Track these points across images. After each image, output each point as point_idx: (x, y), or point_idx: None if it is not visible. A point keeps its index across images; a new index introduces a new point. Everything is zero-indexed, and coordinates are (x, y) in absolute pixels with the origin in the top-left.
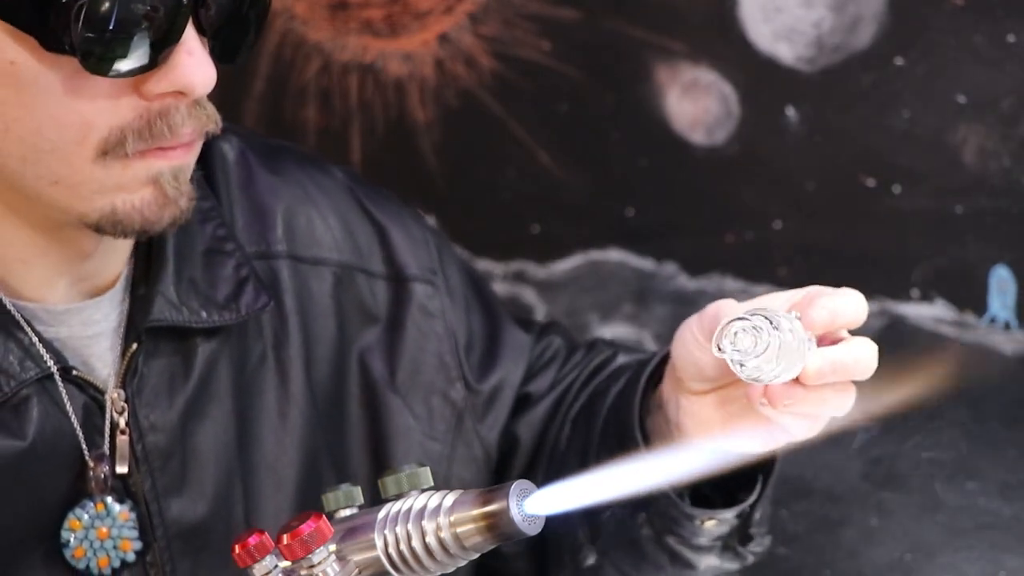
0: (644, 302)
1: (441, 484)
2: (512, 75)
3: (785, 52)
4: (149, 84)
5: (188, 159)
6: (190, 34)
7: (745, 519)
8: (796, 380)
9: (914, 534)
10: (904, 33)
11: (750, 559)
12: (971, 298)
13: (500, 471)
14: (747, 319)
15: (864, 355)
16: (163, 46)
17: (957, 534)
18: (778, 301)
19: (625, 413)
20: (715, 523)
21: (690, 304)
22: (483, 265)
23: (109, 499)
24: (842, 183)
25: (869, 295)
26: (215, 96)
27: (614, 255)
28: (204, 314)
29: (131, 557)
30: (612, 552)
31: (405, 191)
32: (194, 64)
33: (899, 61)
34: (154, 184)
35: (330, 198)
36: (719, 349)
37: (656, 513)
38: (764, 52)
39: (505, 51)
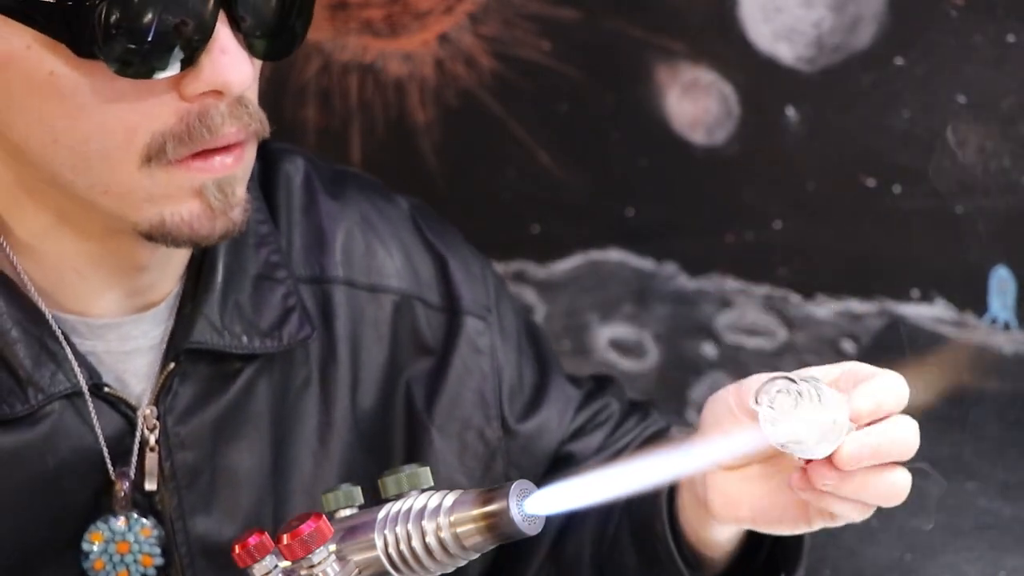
0: (644, 302)
1: None
2: (512, 75)
3: (785, 52)
4: (186, 85)
5: (235, 170)
6: (223, 32)
7: None
8: (830, 460)
9: (914, 534)
10: (904, 33)
11: None
12: (971, 298)
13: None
14: (793, 381)
15: (904, 435)
16: (195, 45)
17: (957, 534)
18: (816, 374)
19: (650, 503)
20: None
21: (690, 304)
22: None
23: (134, 514)
24: (842, 183)
25: (869, 295)
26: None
27: (614, 255)
28: (245, 339)
29: (152, 572)
30: None
31: (405, 191)
32: (228, 62)
33: (899, 61)
34: (199, 196)
35: (392, 226)
36: (756, 402)
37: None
38: (764, 52)
39: (505, 51)
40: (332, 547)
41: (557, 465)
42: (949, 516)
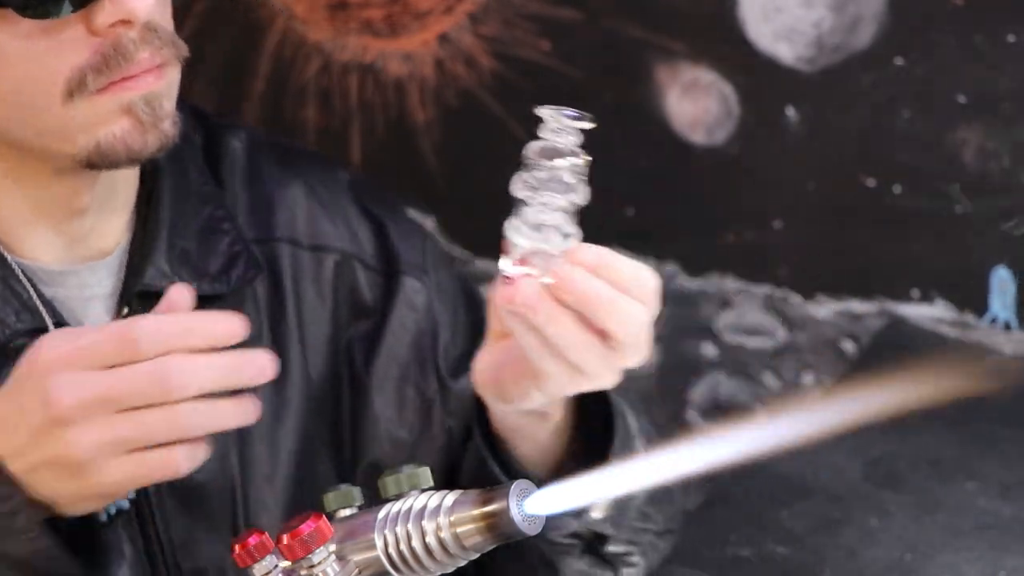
0: None
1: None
2: (512, 75)
3: (785, 52)
4: (94, 19)
5: (158, 86)
6: None
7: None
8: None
9: (914, 534)
10: (904, 33)
11: (622, 570)
12: (971, 298)
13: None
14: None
15: (626, 263)
16: None
17: (957, 534)
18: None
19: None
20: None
21: (690, 304)
22: (483, 265)
23: None
24: (842, 183)
25: (869, 295)
26: (217, 88)
27: None
28: (195, 285)
29: (124, 504)
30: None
31: (405, 191)
32: None
33: (899, 61)
34: (128, 113)
35: (333, 194)
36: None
37: None
38: (764, 52)
39: (505, 51)
40: (332, 547)
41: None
42: (949, 516)
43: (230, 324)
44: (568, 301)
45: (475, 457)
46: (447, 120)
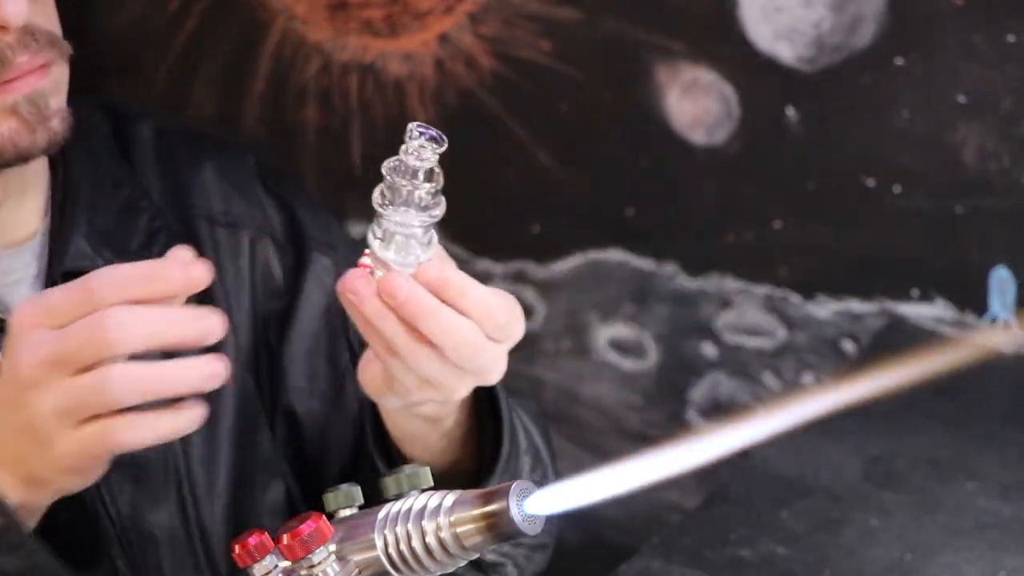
0: (644, 302)
1: (317, 442)
2: (512, 75)
3: (785, 52)
4: None
5: (41, 84)
6: None
7: None
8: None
9: (914, 534)
10: (904, 33)
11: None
12: (971, 298)
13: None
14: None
15: (471, 285)
16: None
17: (957, 534)
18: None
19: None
20: None
21: (690, 304)
22: (483, 265)
23: None
24: (842, 183)
25: (869, 295)
26: (217, 88)
27: (614, 255)
28: (117, 261)
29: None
30: None
31: None
32: None
33: (899, 61)
34: (13, 113)
35: (244, 176)
36: (409, 139)
37: None
38: (764, 52)
39: (505, 51)
40: (332, 547)
41: None
42: (949, 516)
43: (194, 270)
44: (389, 304)
45: (367, 455)
46: (447, 120)
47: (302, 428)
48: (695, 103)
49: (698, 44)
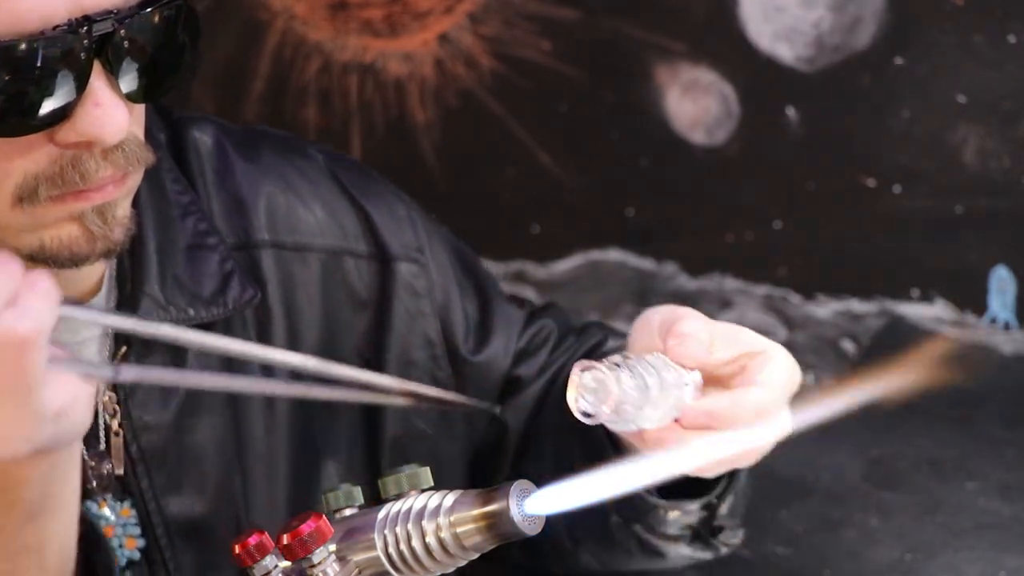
0: (644, 302)
1: (427, 461)
2: (512, 75)
3: (785, 52)
4: (59, 133)
5: (115, 196)
6: (97, 84)
7: (712, 511)
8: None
9: (914, 534)
10: (904, 33)
11: (723, 550)
12: (971, 298)
13: (492, 455)
14: (596, 370)
15: (741, 408)
16: (68, 99)
17: (957, 534)
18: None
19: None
20: (679, 514)
21: (690, 304)
22: (483, 265)
23: (109, 497)
24: (842, 183)
25: (869, 295)
26: (217, 88)
27: (614, 255)
28: (191, 311)
29: (136, 555)
30: (585, 539)
31: (405, 191)
32: (101, 115)
33: (899, 61)
34: (78, 222)
35: (311, 183)
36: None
37: (623, 502)
38: (764, 52)
39: (505, 51)
40: (332, 547)
41: (506, 391)
42: (949, 516)
43: None
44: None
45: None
46: (447, 120)
47: (409, 448)
48: (695, 103)
49: (698, 44)
